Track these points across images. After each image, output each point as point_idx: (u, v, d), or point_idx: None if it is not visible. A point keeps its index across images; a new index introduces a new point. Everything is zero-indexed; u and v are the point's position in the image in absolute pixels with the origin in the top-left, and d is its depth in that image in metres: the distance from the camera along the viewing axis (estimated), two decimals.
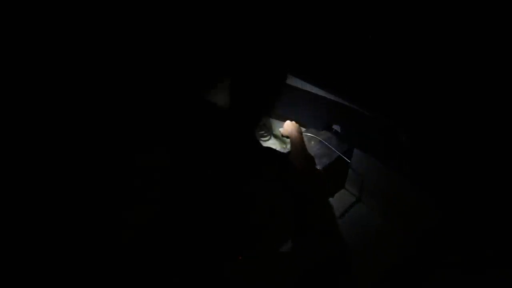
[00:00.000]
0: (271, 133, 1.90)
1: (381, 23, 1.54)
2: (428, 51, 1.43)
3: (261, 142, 1.76)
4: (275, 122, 1.90)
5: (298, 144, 1.48)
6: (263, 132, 1.87)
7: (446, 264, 1.42)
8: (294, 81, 1.76)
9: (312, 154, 1.63)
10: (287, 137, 1.55)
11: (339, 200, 1.85)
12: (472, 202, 1.35)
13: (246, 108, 1.22)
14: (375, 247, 1.63)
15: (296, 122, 1.61)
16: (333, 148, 1.68)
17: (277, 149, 1.40)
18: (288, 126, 1.53)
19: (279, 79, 1.25)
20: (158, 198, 1.33)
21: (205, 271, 1.27)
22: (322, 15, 1.69)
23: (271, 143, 1.90)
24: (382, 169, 1.65)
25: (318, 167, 1.63)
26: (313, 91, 1.74)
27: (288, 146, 1.82)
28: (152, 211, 1.40)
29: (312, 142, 1.74)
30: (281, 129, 1.57)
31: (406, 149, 1.52)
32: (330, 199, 1.86)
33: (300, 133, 1.51)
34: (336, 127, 1.78)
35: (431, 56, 1.42)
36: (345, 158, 1.68)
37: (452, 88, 1.39)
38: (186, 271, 1.26)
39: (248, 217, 1.32)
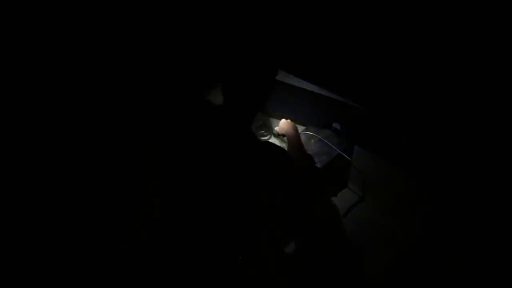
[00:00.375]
0: (271, 133, 1.89)
1: (381, 23, 1.52)
2: (427, 51, 1.42)
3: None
4: (275, 122, 1.90)
5: (294, 142, 1.47)
6: (263, 131, 1.87)
7: (448, 262, 1.38)
8: (294, 80, 1.75)
9: (312, 152, 1.62)
10: (284, 135, 1.54)
11: (342, 199, 1.83)
12: (473, 199, 1.32)
13: (240, 104, 1.22)
14: (379, 246, 1.60)
15: (296, 120, 1.60)
16: (333, 146, 1.66)
17: None
18: (284, 125, 1.52)
19: (269, 74, 1.25)
20: (159, 195, 1.33)
21: (205, 271, 1.27)
22: (322, 14, 1.69)
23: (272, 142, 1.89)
24: (384, 167, 1.62)
25: (318, 165, 1.61)
26: (313, 90, 1.72)
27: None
28: (153, 210, 1.40)
29: (312, 140, 1.72)
30: (276, 128, 1.56)
31: (407, 146, 1.50)
32: (333, 198, 1.83)
33: (296, 131, 1.50)
34: (336, 125, 1.76)
35: (430, 55, 1.40)
36: (345, 156, 1.65)
37: (451, 86, 1.36)
38: (187, 271, 1.26)
39: (248, 216, 1.31)
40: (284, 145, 1.86)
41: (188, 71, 1.77)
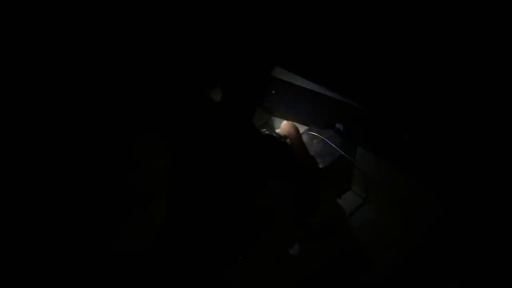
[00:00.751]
0: (273, 132, 1.87)
1: (383, 22, 1.51)
2: (429, 50, 1.40)
3: None
4: (277, 121, 1.88)
5: (297, 142, 1.46)
6: (264, 130, 1.85)
7: (451, 263, 1.36)
8: (297, 80, 1.74)
9: (315, 152, 1.60)
10: (286, 137, 1.52)
11: (345, 201, 1.81)
12: (476, 200, 1.29)
13: (237, 98, 1.20)
14: (383, 247, 1.59)
15: (299, 120, 1.58)
16: (335, 147, 1.65)
17: None
18: (286, 126, 1.50)
19: (265, 68, 1.23)
20: (161, 195, 1.33)
21: (205, 270, 1.26)
22: (326, 15, 1.67)
23: None
24: (387, 168, 1.61)
25: (320, 165, 1.59)
26: (316, 90, 1.71)
27: None
28: (154, 209, 1.40)
29: (315, 141, 1.70)
30: (278, 130, 1.55)
31: (410, 147, 1.47)
32: (338, 200, 1.82)
33: (298, 132, 1.49)
34: (339, 126, 1.74)
35: (431, 54, 1.38)
36: (348, 157, 1.64)
37: (453, 86, 1.34)
38: (187, 270, 1.25)
39: (249, 216, 1.31)
40: None
41: (185, 67, 1.76)
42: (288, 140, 1.52)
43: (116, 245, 1.37)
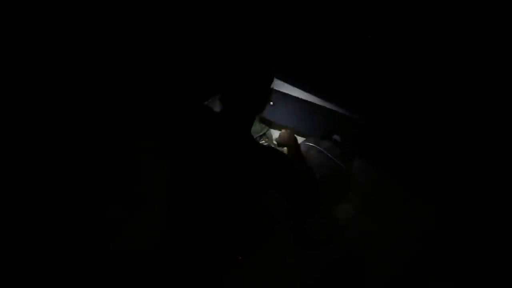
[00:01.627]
0: (271, 143, 1.89)
1: (381, 28, 1.55)
2: (425, 63, 1.43)
3: None
4: (275, 133, 1.90)
5: (295, 153, 1.47)
6: (263, 141, 1.87)
7: (447, 275, 1.36)
8: (295, 91, 1.77)
9: (312, 163, 1.62)
10: (284, 146, 1.54)
11: (341, 211, 1.81)
12: (473, 206, 1.31)
13: (237, 107, 1.22)
14: (379, 258, 1.59)
15: (296, 131, 1.60)
16: (333, 158, 1.67)
17: None
18: (284, 135, 1.52)
19: (266, 77, 1.25)
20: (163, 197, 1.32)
21: (205, 270, 1.25)
22: (322, 28, 1.72)
23: None
24: (384, 179, 1.62)
25: (317, 176, 1.61)
26: (313, 101, 1.74)
27: None
28: (155, 212, 1.38)
29: (312, 152, 1.72)
30: (276, 138, 1.57)
31: (406, 157, 1.50)
32: (333, 210, 1.82)
33: (296, 142, 1.50)
34: (336, 137, 1.77)
35: (428, 66, 1.42)
36: (345, 167, 1.65)
37: (456, 95, 1.37)
38: (187, 270, 1.24)
39: (249, 217, 1.30)
40: None
41: (187, 75, 1.78)
42: (286, 149, 1.54)
43: (116, 245, 1.35)
